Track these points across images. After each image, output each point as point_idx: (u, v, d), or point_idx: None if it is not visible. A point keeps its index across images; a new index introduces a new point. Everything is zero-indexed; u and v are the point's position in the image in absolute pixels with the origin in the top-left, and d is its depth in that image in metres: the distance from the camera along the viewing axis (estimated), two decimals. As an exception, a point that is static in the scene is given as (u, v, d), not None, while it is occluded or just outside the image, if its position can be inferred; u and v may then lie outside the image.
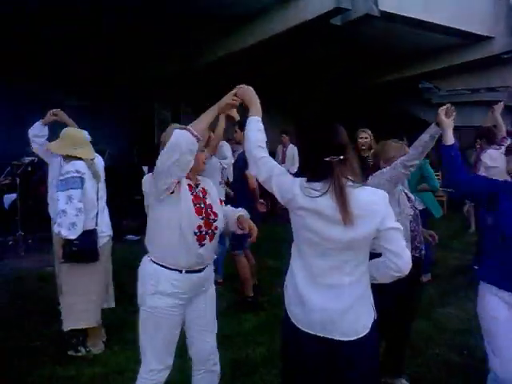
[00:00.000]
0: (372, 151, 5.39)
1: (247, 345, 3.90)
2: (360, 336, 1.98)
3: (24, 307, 4.74)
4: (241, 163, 4.86)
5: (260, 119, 2.21)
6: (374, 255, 2.06)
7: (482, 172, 5.16)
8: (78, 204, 3.40)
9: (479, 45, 11.55)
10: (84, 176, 3.49)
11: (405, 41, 11.19)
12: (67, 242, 3.45)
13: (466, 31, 10.63)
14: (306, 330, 2.00)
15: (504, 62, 12.30)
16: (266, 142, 2.18)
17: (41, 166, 6.88)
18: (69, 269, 3.59)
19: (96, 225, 3.60)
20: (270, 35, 9.03)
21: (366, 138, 5.42)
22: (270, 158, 2.13)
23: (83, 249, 3.48)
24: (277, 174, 2.05)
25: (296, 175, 2.04)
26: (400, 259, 1.97)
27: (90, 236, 3.52)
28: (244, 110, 2.34)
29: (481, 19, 10.91)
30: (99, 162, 3.81)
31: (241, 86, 2.33)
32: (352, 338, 1.97)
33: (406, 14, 9.18)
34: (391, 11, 8.81)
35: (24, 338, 3.99)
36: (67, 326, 3.62)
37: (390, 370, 3.29)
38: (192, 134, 2.19)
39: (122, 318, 4.20)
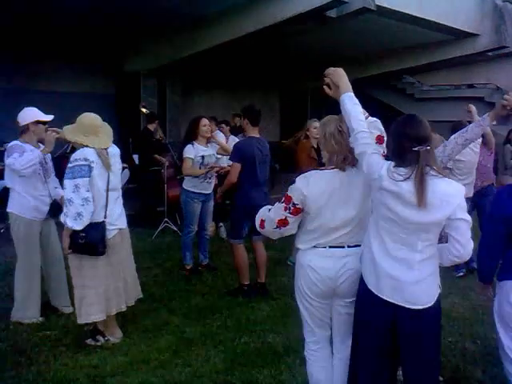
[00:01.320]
0: None
1: (266, 334, 3.91)
2: (425, 307, 2.19)
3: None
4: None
5: (353, 94, 2.38)
6: None
7: (449, 164, 5.07)
8: (85, 193, 3.29)
9: (464, 42, 11.77)
10: (92, 164, 3.35)
11: (392, 36, 11.32)
12: (74, 233, 3.36)
13: (453, 28, 10.82)
14: (376, 293, 2.24)
15: (488, 59, 12.62)
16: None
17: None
18: (77, 261, 3.48)
19: (105, 217, 3.46)
20: (265, 25, 9.00)
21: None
22: (369, 134, 2.30)
23: (89, 242, 3.37)
24: (370, 153, 2.24)
25: None
26: (464, 249, 2.20)
27: (96, 228, 3.39)
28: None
29: (467, 16, 11.12)
30: (114, 151, 3.63)
31: (330, 68, 2.47)
32: (417, 307, 2.19)
33: (400, 10, 9.30)
34: (386, 6, 8.91)
35: (37, 328, 3.90)
36: (80, 320, 3.54)
37: None
38: None
39: (135, 305, 4.13)
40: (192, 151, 5.14)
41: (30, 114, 3.95)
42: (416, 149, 2.11)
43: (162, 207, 7.33)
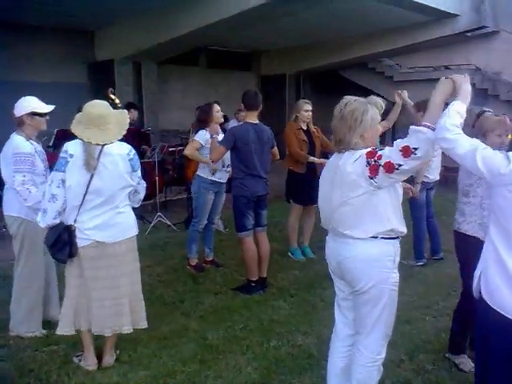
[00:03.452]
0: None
1: (294, 335, 3.64)
2: None
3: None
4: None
5: (465, 106, 2.13)
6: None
7: None
8: (54, 189, 2.92)
9: (444, 22, 11.68)
10: (69, 159, 2.92)
11: (371, 18, 11.11)
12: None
13: (433, 8, 10.69)
14: None
15: (467, 39, 12.56)
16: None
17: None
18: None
19: (74, 222, 2.98)
20: (248, 7, 8.63)
21: (310, 110, 5.38)
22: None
23: (46, 243, 3.02)
24: (483, 148, 1.95)
25: None
26: None
27: (55, 230, 2.98)
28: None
29: (447, -4, 11.01)
30: (116, 151, 3.02)
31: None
32: None
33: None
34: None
35: (42, 343, 3.50)
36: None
37: (456, 349, 3.27)
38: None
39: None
40: (203, 137, 4.85)
41: (24, 105, 3.47)
42: None
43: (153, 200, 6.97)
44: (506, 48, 12.19)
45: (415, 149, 2.16)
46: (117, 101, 7.43)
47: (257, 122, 4.45)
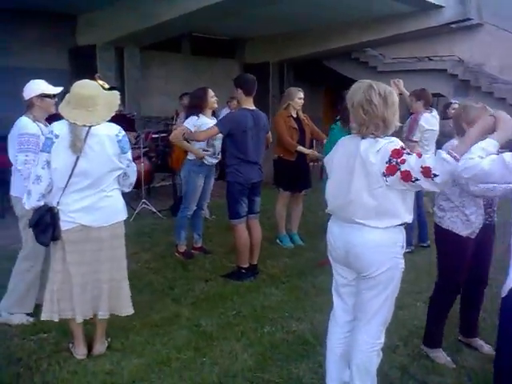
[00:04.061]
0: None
1: (288, 321, 3.61)
2: None
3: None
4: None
5: (496, 145, 2.14)
6: None
7: (418, 136, 5.18)
8: (39, 170, 2.85)
9: (429, 13, 11.70)
10: (55, 139, 2.83)
11: (356, 7, 11.08)
12: None
13: (419, -2, 10.70)
14: None
15: (452, 31, 12.64)
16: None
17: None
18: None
19: (58, 204, 2.89)
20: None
21: (302, 98, 5.37)
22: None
23: (31, 226, 2.93)
24: (503, 155, 2.01)
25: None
26: None
27: (38, 211, 2.90)
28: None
29: (432, -13, 11.03)
30: (104, 132, 2.90)
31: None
32: None
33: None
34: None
35: (30, 331, 3.38)
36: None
37: (467, 331, 3.34)
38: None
39: (137, 296, 3.68)
40: (192, 122, 4.73)
41: (33, 88, 3.45)
42: None
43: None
44: (488, 40, 12.32)
45: (435, 175, 2.15)
46: (106, 86, 7.17)
47: (254, 107, 4.38)
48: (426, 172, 2.16)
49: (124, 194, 3.17)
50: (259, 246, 4.62)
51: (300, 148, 5.25)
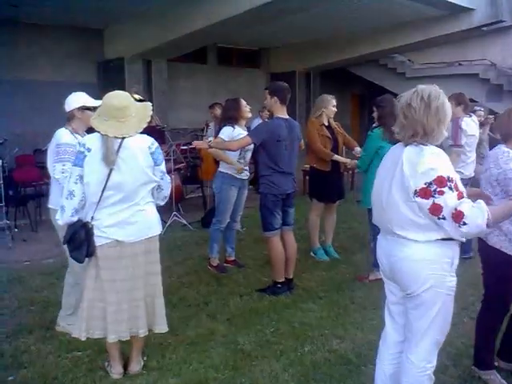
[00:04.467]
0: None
1: (329, 340, 3.45)
2: None
3: (33, 311, 4.04)
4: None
5: None
6: None
7: (463, 141, 5.01)
8: (72, 185, 2.78)
9: (459, 17, 11.48)
10: (87, 153, 2.75)
11: (384, 13, 10.93)
12: None
13: (448, 1, 10.49)
14: None
15: (482, 34, 12.35)
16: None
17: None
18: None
19: (92, 219, 2.81)
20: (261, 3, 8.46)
21: (335, 106, 5.26)
22: None
23: (65, 242, 2.86)
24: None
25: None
26: None
27: (73, 227, 2.83)
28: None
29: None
30: (136, 144, 2.81)
31: None
32: None
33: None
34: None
35: (65, 349, 3.33)
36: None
37: (482, 364, 3.01)
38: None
39: (171, 312, 3.60)
40: (230, 134, 4.65)
41: (75, 100, 3.48)
42: None
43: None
44: (522, 42, 12.00)
45: (465, 223, 2.03)
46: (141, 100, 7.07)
47: (287, 116, 4.27)
48: (458, 216, 2.03)
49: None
50: (294, 260, 4.48)
51: (336, 157, 5.11)
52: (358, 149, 5.23)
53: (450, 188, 2.06)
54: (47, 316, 3.89)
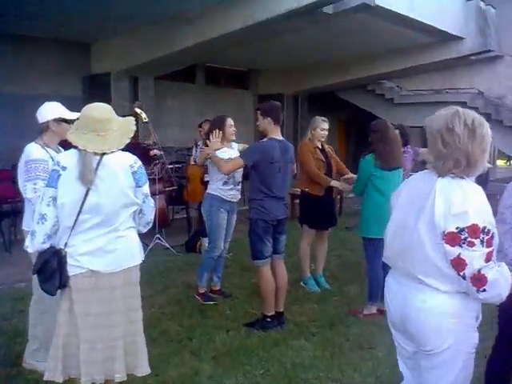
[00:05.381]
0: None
1: (324, 383, 3.17)
2: None
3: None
4: None
5: None
6: None
7: None
8: (44, 208, 2.46)
9: (449, 44, 11.55)
10: (62, 172, 2.45)
11: (374, 39, 10.92)
12: None
13: (441, 30, 10.55)
14: None
15: (470, 63, 12.44)
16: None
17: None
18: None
19: (65, 246, 2.48)
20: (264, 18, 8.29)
21: (327, 129, 5.03)
22: None
23: (35, 272, 2.54)
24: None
25: None
26: None
27: (42, 255, 2.50)
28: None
29: (453, 19, 10.91)
30: (117, 160, 2.52)
31: None
32: None
33: (393, 9, 8.89)
34: (380, 4, 8.46)
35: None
36: None
37: None
38: None
39: (151, 348, 3.28)
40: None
41: (49, 110, 3.17)
42: None
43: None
44: (509, 72, 12.08)
45: (484, 290, 1.79)
46: (143, 115, 6.50)
47: (281, 138, 4.04)
48: (479, 281, 1.78)
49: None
50: (285, 291, 4.20)
51: (334, 183, 4.88)
52: (350, 175, 5.04)
53: (482, 242, 1.79)
54: (14, 349, 3.53)
